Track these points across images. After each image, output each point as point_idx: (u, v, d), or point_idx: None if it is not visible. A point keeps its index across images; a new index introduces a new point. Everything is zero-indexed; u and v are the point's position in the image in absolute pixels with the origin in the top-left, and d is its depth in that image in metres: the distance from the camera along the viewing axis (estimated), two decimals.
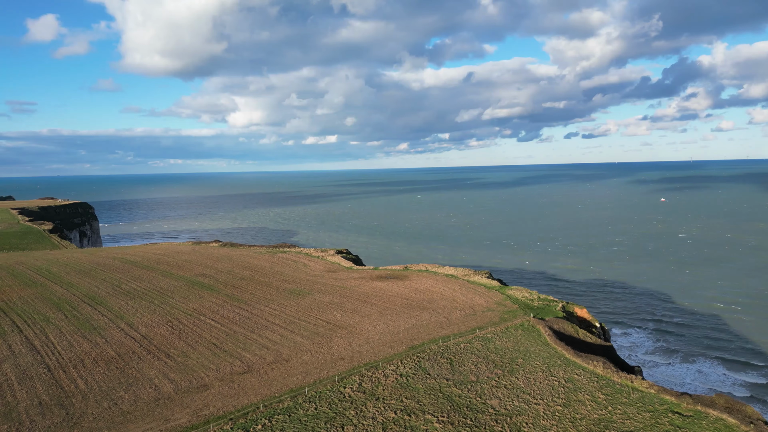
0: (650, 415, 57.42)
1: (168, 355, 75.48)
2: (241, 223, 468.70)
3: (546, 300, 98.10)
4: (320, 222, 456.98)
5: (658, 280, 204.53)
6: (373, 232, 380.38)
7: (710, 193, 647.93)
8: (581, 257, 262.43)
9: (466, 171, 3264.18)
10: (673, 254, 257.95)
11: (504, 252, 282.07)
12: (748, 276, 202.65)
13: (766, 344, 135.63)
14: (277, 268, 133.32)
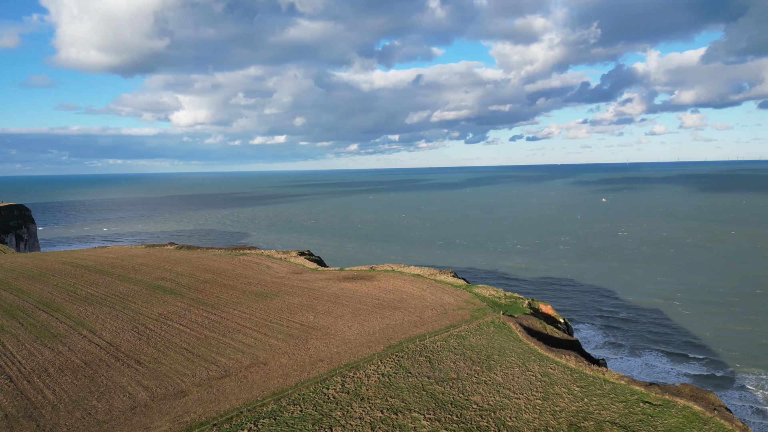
0: (623, 405, 60.38)
1: (138, 362, 72.94)
2: (187, 225, 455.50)
3: (512, 297, 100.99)
4: (270, 224, 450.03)
5: (603, 277, 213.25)
6: (326, 233, 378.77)
7: (646, 193, 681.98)
8: (531, 256, 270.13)
9: (416, 172, 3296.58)
10: (615, 252, 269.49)
11: (457, 252, 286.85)
12: (685, 272, 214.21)
13: (704, 336, 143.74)
14: (239, 270, 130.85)
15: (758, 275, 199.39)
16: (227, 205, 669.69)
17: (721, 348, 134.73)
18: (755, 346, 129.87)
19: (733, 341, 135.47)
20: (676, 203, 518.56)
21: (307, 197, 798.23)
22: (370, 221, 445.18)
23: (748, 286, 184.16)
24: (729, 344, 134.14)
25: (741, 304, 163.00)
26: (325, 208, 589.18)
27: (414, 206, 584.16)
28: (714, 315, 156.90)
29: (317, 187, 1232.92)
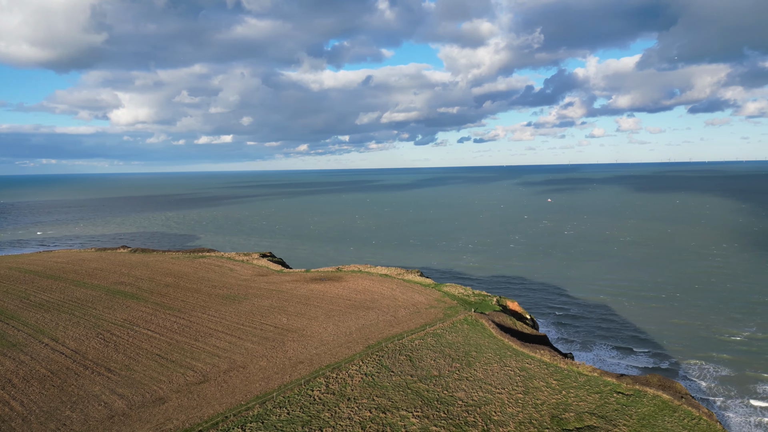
0: (599, 396, 63.22)
1: (109, 370, 70.17)
2: (130, 227, 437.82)
3: (481, 295, 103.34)
4: (218, 226, 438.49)
5: (552, 274, 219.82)
6: (278, 234, 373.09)
7: (588, 193, 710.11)
8: (484, 255, 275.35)
9: (366, 173, 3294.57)
10: (562, 250, 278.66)
11: (412, 252, 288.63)
12: (627, 269, 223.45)
13: (649, 330, 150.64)
14: (201, 273, 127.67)
15: (694, 271, 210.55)
16: (172, 207, 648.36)
17: (665, 341, 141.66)
18: (695, 338, 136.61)
19: (675, 334, 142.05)
20: (615, 203, 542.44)
21: (257, 198, 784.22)
22: (323, 222, 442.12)
23: (685, 281, 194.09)
24: (672, 337, 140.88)
25: (680, 299, 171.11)
26: (276, 210, 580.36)
27: (366, 207, 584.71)
28: (656, 309, 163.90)
29: (266, 188, 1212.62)
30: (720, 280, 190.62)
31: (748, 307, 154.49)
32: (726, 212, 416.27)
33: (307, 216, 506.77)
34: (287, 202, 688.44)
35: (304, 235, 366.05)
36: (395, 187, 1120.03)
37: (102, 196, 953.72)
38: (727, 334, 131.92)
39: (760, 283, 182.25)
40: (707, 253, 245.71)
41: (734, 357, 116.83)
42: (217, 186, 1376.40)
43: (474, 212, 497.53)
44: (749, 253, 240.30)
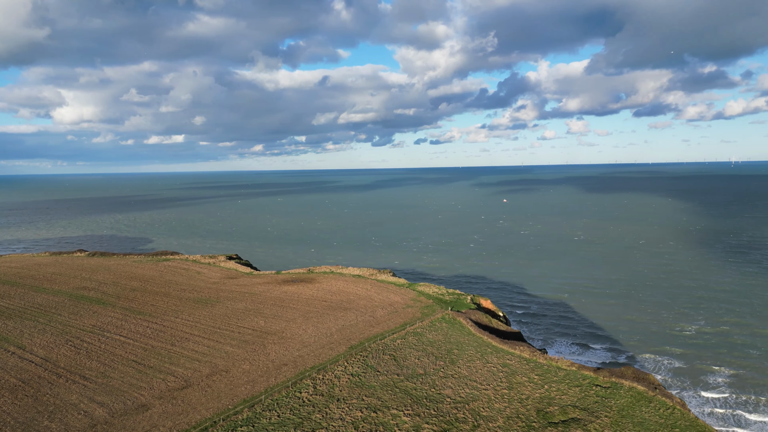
0: (579, 390, 65.54)
1: (84, 377, 67.62)
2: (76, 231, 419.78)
3: (455, 294, 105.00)
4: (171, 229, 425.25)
5: (512, 273, 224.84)
6: (234, 236, 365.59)
7: (541, 194, 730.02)
8: (444, 255, 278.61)
9: (324, 174, 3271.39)
10: (520, 249, 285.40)
11: (373, 252, 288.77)
12: (583, 266, 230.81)
13: (606, 326, 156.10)
14: (168, 277, 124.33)
15: (644, 268, 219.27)
16: (121, 209, 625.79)
17: (621, 336, 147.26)
18: (648, 332, 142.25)
19: (629, 329, 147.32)
20: (568, 203, 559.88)
21: (211, 200, 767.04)
22: (282, 224, 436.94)
23: (637, 278, 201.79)
24: (626, 332, 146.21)
25: (632, 295, 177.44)
26: (232, 211, 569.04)
27: (326, 208, 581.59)
28: (611, 306, 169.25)
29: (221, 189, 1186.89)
30: (668, 276, 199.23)
31: (695, 302, 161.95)
32: (670, 211, 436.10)
33: (264, 218, 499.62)
34: (244, 204, 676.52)
35: (262, 238, 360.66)
36: (354, 188, 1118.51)
37: (46, 198, 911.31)
38: (677, 329, 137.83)
39: (704, 279, 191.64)
40: (655, 251, 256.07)
41: (685, 350, 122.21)
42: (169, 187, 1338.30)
43: (433, 213, 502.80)
44: (693, 251, 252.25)
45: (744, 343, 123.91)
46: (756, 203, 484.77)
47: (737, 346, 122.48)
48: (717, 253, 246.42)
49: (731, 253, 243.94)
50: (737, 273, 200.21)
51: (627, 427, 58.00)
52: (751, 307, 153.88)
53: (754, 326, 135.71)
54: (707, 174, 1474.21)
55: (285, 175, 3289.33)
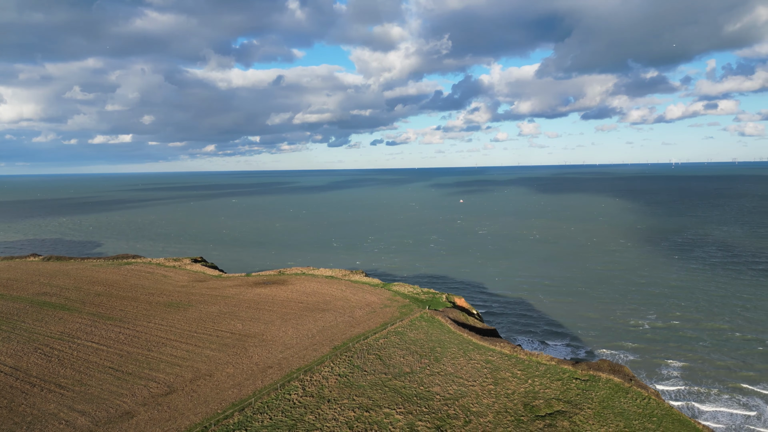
0: (560, 383, 67.83)
1: (60, 386, 64.89)
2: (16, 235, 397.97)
3: (430, 293, 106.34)
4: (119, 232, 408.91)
5: (472, 272, 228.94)
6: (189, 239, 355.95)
7: (496, 194, 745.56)
8: (405, 254, 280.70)
9: (279, 175, 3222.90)
10: (479, 249, 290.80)
11: (334, 253, 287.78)
12: (539, 265, 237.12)
13: (564, 323, 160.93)
14: (132, 281, 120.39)
15: (597, 266, 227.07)
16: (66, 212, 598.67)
17: (579, 332, 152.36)
18: (604, 328, 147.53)
19: (587, 325, 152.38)
20: (522, 203, 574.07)
21: (162, 201, 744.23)
22: (238, 226, 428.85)
23: (591, 276, 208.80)
24: (584, 328, 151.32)
25: (587, 293, 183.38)
26: (185, 213, 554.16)
27: (283, 209, 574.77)
28: (569, 303, 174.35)
29: (172, 190, 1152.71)
30: (620, 273, 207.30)
31: (646, 298, 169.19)
32: (618, 211, 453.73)
33: (220, 219, 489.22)
34: (197, 206, 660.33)
35: (218, 240, 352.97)
36: (311, 188, 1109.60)
37: None
38: (631, 324, 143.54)
39: (653, 275, 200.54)
40: (607, 249, 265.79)
41: (639, 344, 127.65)
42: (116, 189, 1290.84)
43: (392, 213, 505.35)
44: (642, 249, 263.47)
45: (692, 337, 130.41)
46: (696, 203, 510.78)
47: (686, 340, 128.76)
48: (663, 250, 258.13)
49: (676, 251, 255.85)
50: (683, 269, 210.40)
51: (609, 418, 60.52)
52: (697, 301, 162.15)
53: (700, 320, 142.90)
54: (650, 175, 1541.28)
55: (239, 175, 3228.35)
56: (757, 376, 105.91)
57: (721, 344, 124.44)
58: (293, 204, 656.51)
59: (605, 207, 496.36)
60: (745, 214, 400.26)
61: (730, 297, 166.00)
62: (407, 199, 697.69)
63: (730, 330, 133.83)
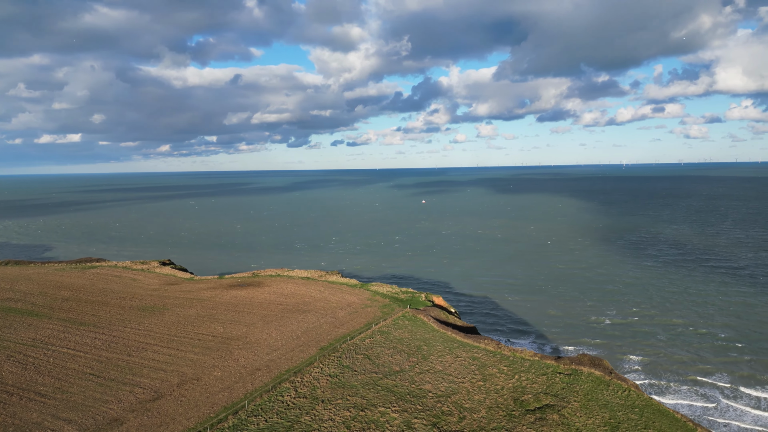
0: (546, 378, 69.81)
1: (40, 394, 62.38)
2: None
3: (408, 292, 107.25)
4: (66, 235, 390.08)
5: (438, 272, 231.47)
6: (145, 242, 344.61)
7: (457, 195, 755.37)
8: (371, 255, 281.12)
9: (237, 175, 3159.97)
10: (443, 248, 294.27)
11: (298, 255, 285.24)
12: (503, 264, 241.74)
13: (529, 321, 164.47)
14: (100, 285, 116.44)
15: (557, 265, 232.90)
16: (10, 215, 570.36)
17: (544, 329, 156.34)
18: (568, 325, 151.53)
19: (551, 323, 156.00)
20: (482, 203, 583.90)
21: (115, 203, 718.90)
22: (197, 228, 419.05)
23: (552, 274, 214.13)
24: (549, 326, 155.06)
25: (550, 291, 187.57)
26: (140, 215, 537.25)
27: (243, 210, 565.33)
28: (532, 301, 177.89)
29: (125, 191, 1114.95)
30: (579, 271, 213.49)
31: (605, 295, 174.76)
32: (575, 211, 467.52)
33: (178, 221, 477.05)
34: (153, 207, 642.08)
35: (177, 242, 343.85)
36: (271, 189, 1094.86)
37: None
38: (593, 320, 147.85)
39: (610, 273, 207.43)
40: (566, 248, 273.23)
41: (601, 340, 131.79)
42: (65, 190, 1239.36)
43: (355, 214, 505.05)
44: (599, 247, 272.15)
45: (650, 332, 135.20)
46: (647, 202, 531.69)
47: (645, 335, 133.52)
48: (619, 248, 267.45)
49: (631, 249, 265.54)
50: (638, 267, 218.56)
51: (594, 410, 62.76)
52: (652, 298, 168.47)
53: (656, 316, 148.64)
54: (603, 176, 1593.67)
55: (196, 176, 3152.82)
56: (712, 369, 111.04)
57: (676, 339, 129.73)
58: (254, 205, 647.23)
59: (562, 207, 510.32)
60: (692, 213, 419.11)
61: (683, 293, 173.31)
62: (370, 200, 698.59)
63: (684, 325, 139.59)
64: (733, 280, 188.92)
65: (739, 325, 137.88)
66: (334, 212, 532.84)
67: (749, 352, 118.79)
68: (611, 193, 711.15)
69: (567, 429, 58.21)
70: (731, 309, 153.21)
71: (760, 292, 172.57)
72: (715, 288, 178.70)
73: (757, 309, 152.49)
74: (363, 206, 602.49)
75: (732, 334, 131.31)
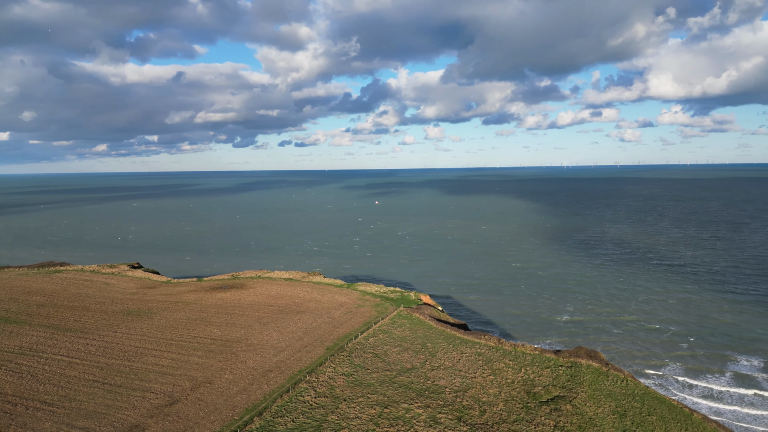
0: (550, 371, 72.82)
1: (47, 403, 59.42)
2: None
3: (397, 291, 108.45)
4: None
5: (399, 272, 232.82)
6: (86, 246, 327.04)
7: (409, 196, 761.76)
8: (330, 257, 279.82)
9: (180, 176, 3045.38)
10: (402, 249, 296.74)
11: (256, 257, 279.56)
12: (460, 264, 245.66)
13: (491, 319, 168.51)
14: (72, 289, 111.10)
15: (513, 262, 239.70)
16: None
17: (507, 326, 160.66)
18: (528, 323, 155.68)
19: (512, 321, 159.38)
20: (434, 204, 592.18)
21: (49, 206, 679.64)
22: (143, 231, 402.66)
23: (508, 273, 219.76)
24: (511, 323, 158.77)
25: (508, 289, 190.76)
26: (78, 218, 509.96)
27: (190, 213, 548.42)
28: (492, 300, 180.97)
29: (60, 193, 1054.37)
30: (534, 271, 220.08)
31: (561, 293, 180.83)
32: (524, 211, 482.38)
33: (120, 224, 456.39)
34: (93, 209, 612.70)
35: (121, 247, 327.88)
36: (217, 191, 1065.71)
37: None
38: (551, 318, 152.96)
39: (564, 272, 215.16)
40: (519, 248, 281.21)
41: (561, 338, 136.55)
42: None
43: (309, 216, 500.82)
44: (550, 247, 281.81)
45: (604, 329, 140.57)
46: (590, 203, 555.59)
47: (600, 331, 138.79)
48: (569, 248, 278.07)
49: (581, 248, 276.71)
50: (588, 265, 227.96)
51: (601, 399, 66.19)
52: (603, 295, 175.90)
53: (610, 313, 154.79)
54: (546, 177, 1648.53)
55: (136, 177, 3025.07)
56: (664, 362, 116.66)
57: (630, 334, 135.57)
58: (202, 207, 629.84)
59: (511, 208, 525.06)
60: (633, 213, 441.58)
61: (631, 290, 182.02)
62: (322, 201, 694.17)
63: (635, 321, 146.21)
64: (676, 277, 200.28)
65: (685, 320, 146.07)
66: (287, 214, 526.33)
67: (697, 346, 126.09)
68: (555, 194, 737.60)
69: (581, 419, 61.22)
70: (676, 305, 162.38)
71: (701, 288, 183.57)
72: (660, 285, 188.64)
73: (700, 304, 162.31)
74: (316, 207, 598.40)
75: (679, 329, 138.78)
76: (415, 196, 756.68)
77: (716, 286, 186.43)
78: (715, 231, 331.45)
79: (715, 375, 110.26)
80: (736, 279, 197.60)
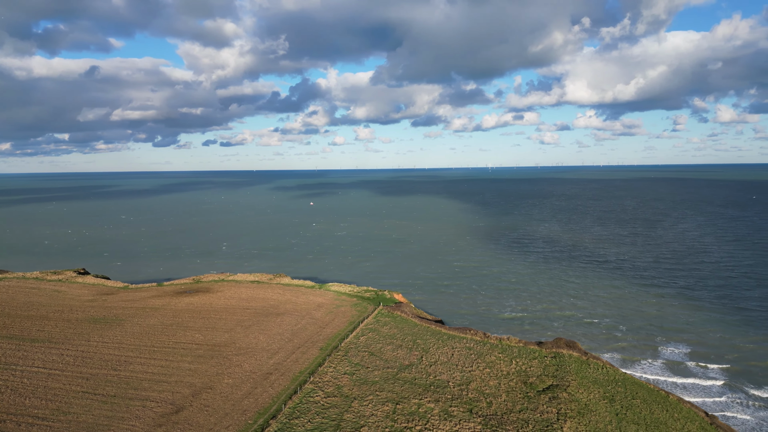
0: (538, 362, 76.50)
1: (39, 417, 55.26)
2: None
3: (371, 291, 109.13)
4: None
5: (343, 273, 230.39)
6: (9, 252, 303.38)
7: (343, 197, 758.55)
8: (269, 259, 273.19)
9: (95, 177, 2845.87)
10: (344, 250, 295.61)
11: (191, 260, 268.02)
12: (404, 263, 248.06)
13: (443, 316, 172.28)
14: (22, 298, 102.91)
15: (453, 261, 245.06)
16: None
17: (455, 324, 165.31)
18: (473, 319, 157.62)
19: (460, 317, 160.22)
20: (369, 205, 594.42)
21: None
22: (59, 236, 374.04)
23: (449, 271, 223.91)
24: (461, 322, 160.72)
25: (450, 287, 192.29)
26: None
27: (111, 215, 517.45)
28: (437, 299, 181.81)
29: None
30: (474, 269, 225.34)
31: (499, 289, 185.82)
32: (456, 211, 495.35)
33: (33, 228, 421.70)
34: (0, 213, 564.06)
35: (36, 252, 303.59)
36: (137, 192, 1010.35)
37: None
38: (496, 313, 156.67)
39: (502, 269, 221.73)
40: (457, 247, 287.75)
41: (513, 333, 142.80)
42: None
43: (241, 217, 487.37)
44: (486, 246, 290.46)
45: (547, 326, 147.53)
46: (516, 202, 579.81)
47: (542, 326, 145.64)
48: (504, 246, 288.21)
49: (514, 246, 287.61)
50: (523, 263, 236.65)
51: (589, 386, 70.49)
52: (540, 291, 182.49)
53: (548, 309, 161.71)
54: (472, 178, 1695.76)
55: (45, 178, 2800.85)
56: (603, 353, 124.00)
57: (569, 328, 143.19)
58: (121, 209, 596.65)
59: (444, 208, 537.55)
60: (558, 212, 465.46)
61: (564, 286, 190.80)
62: (253, 203, 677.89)
63: (572, 316, 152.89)
64: (604, 272, 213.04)
65: (616, 313, 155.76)
66: (218, 216, 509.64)
67: (630, 337, 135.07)
68: (483, 194, 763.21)
69: (578, 405, 64.99)
70: (607, 299, 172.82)
71: (628, 283, 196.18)
72: (591, 281, 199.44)
73: (627, 298, 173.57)
74: (248, 209, 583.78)
75: (613, 321, 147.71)
76: (349, 197, 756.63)
77: (640, 280, 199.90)
78: (633, 228, 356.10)
79: (648, 361, 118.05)
80: (658, 273, 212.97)
